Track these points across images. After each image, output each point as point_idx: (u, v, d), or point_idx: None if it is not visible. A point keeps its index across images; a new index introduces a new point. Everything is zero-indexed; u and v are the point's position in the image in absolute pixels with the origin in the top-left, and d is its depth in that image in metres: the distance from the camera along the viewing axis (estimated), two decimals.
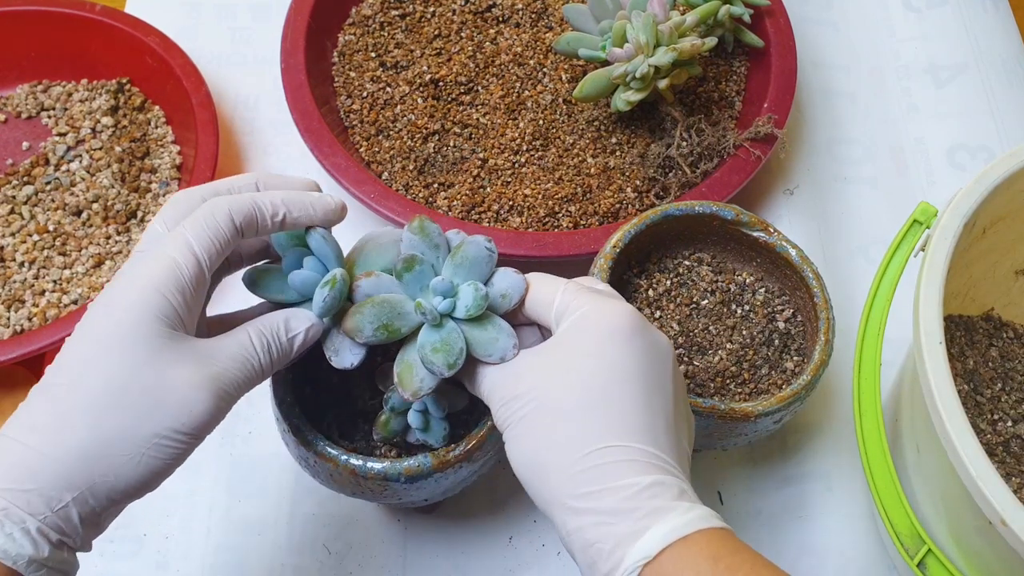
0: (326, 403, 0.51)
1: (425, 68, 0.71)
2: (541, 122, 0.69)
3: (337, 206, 0.44)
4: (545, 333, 0.44)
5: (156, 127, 0.71)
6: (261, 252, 0.46)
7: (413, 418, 0.47)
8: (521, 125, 0.69)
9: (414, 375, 0.42)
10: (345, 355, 0.43)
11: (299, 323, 0.42)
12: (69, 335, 0.37)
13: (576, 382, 0.39)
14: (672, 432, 0.40)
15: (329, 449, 0.47)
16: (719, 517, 0.38)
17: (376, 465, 0.46)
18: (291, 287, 0.43)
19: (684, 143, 0.66)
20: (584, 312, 0.41)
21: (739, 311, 0.57)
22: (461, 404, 0.47)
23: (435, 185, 0.67)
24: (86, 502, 0.36)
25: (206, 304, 0.43)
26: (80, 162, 0.69)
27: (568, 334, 0.41)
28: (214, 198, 0.41)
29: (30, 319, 0.62)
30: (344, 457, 0.46)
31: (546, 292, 0.43)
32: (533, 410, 0.40)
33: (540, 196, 0.66)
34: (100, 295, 0.39)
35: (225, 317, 0.45)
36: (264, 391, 0.48)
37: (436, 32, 0.74)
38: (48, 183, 0.68)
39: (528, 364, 0.41)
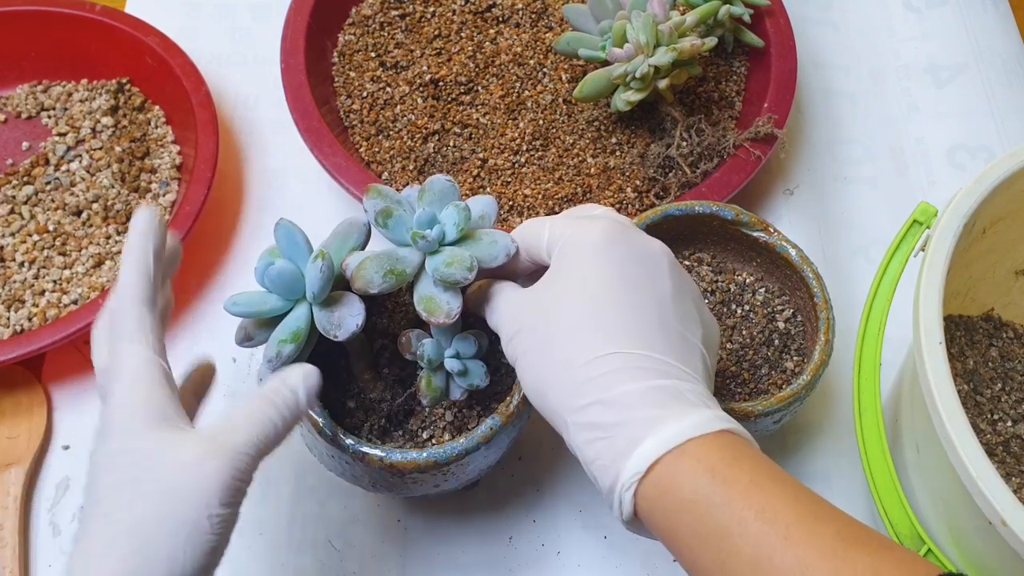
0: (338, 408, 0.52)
1: (425, 68, 0.71)
2: (541, 122, 0.69)
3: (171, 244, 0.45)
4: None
5: (156, 127, 0.71)
6: None
7: (451, 364, 0.48)
8: (521, 125, 0.69)
9: (439, 301, 0.44)
10: (348, 322, 0.44)
11: (292, 374, 0.42)
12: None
13: (565, 302, 0.40)
14: (672, 332, 0.40)
15: (410, 453, 0.47)
16: (724, 418, 0.37)
17: (457, 444, 0.47)
18: (269, 286, 0.44)
19: (684, 143, 0.66)
20: (567, 237, 0.42)
21: (739, 311, 0.57)
22: (485, 343, 0.49)
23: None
24: None
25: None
26: (80, 162, 0.69)
27: (556, 262, 0.42)
28: (124, 292, 0.41)
29: (30, 319, 0.62)
30: (425, 453, 0.47)
31: (535, 231, 0.44)
32: (534, 340, 0.41)
33: (540, 196, 0.66)
34: (116, 415, 0.38)
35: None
36: None
37: (436, 32, 0.74)
38: (48, 183, 0.68)
39: (527, 298, 0.43)
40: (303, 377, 0.42)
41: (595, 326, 0.39)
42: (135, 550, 0.35)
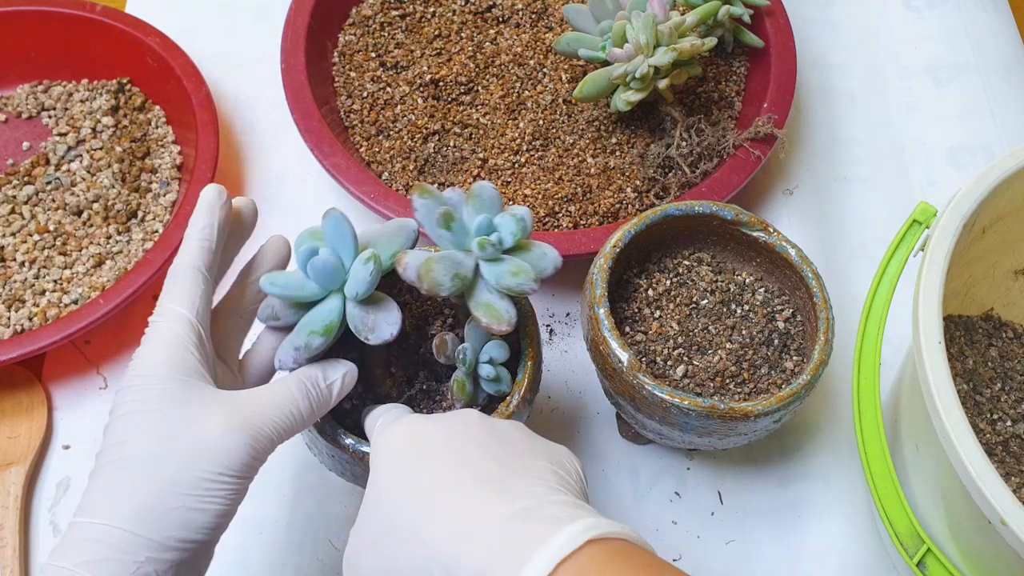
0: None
1: (425, 68, 0.71)
2: (541, 122, 0.69)
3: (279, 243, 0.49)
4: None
5: (156, 127, 0.71)
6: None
7: (486, 370, 0.48)
8: (521, 125, 0.69)
9: (499, 309, 0.45)
10: (383, 328, 0.44)
11: (335, 371, 0.45)
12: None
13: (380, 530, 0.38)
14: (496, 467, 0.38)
15: None
16: (577, 531, 0.33)
17: None
18: (310, 274, 0.44)
19: (684, 143, 0.66)
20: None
21: (739, 311, 0.57)
22: (506, 352, 0.49)
23: (435, 185, 0.67)
24: (161, 558, 0.38)
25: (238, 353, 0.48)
26: (80, 162, 0.69)
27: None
28: (182, 259, 0.45)
29: (30, 319, 0.62)
30: None
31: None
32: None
33: (540, 196, 0.66)
34: (138, 367, 0.42)
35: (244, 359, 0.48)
36: None
37: (436, 32, 0.74)
38: (48, 183, 0.68)
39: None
40: (344, 377, 0.45)
41: (426, 530, 0.36)
42: (154, 498, 0.38)
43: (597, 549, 0.33)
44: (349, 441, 0.47)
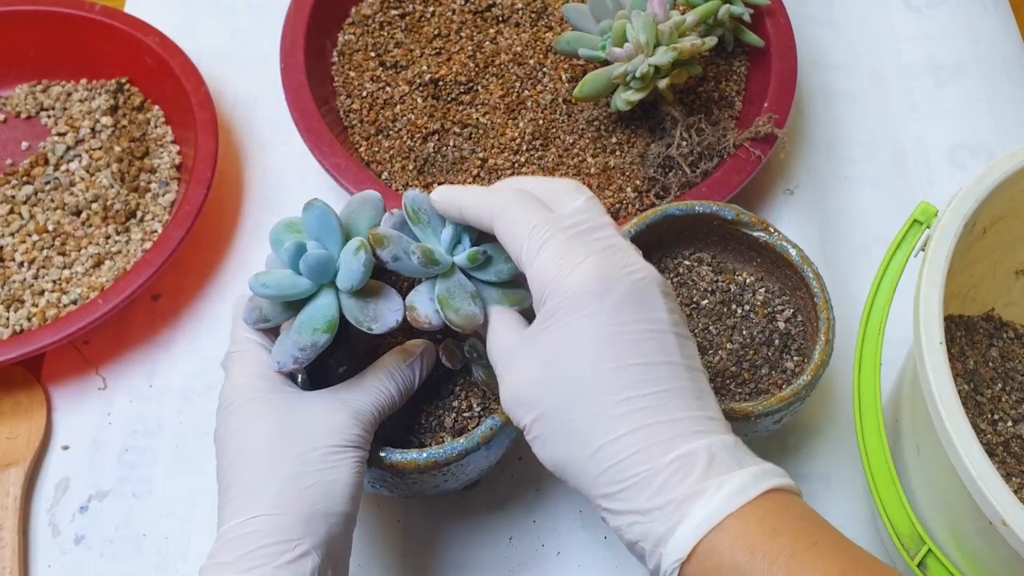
0: None
1: (425, 68, 0.71)
2: (541, 122, 0.69)
3: None
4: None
5: (156, 127, 0.71)
6: None
7: (477, 372, 0.50)
8: (521, 125, 0.69)
9: (459, 304, 0.44)
10: (388, 316, 0.44)
11: (415, 351, 0.48)
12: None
13: (569, 372, 0.38)
14: (681, 376, 0.38)
15: (410, 453, 0.48)
16: (759, 474, 0.36)
17: (457, 444, 0.47)
18: (303, 271, 0.43)
19: (684, 143, 0.65)
20: (556, 281, 0.39)
21: (739, 311, 0.57)
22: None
23: (435, 185, 0.67)
24: (313, 533, 0.41)
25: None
26: (79, 162, 0.69)
27: (549, 313, 0.39)
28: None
29: (29, 319, 0.62)
30: (425, 453, 0.48)
31: (510, 223, 0.42)
32: (538, 416, 0.39)
33: None
34: (233, 388, 0.45)
35: None
36: None
37: (436, 32, 0.74)
38: (47, 183, 0.68)
39: (527, 356, 0.41)
40: (423, 356, 0.48)
41: (601, 399, 0.37)
42: (289, 482, 0.41)
43: (743, 517, 0.35)
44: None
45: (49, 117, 0.72)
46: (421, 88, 0.70)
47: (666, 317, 0.39)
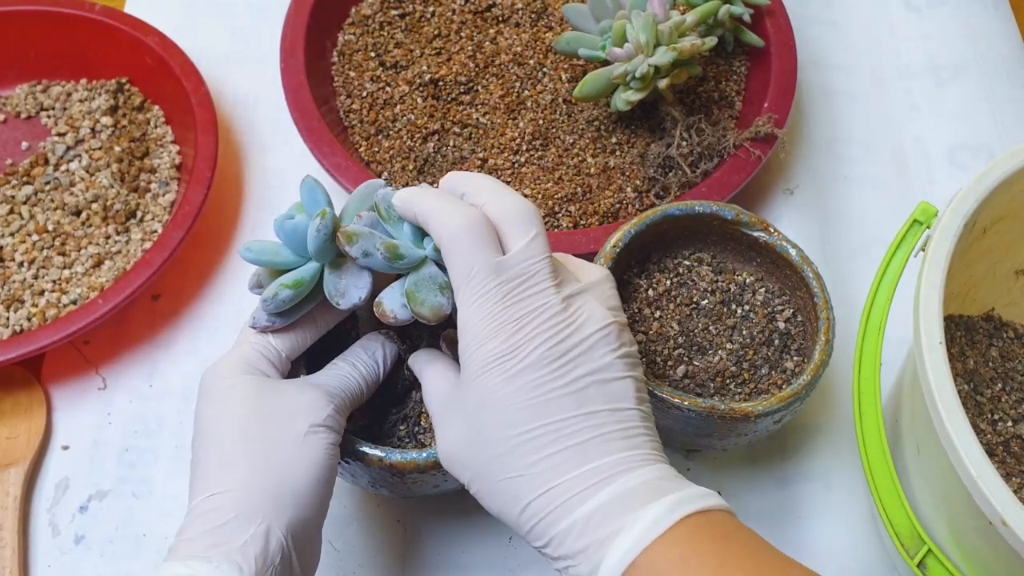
0: None
1: (425, 68, 0.71)
2: (541, 122, 0.69)
3: None
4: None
5: (155, 127, 0.71)
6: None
7: None
8: (521, 125, 0.69)
9: (425, 296, 0.44)
10: (352, 292, 0.45)
11: (374, 343, 0.49)
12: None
13: (488, 441, 0.40)
14: (605, 417, 0.40)
15: (410, 453, 0.48)
16: (678, 504, 0.37)
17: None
18: (283, 240, 0.45)
19: (684, 143, 0.66)
20: (472, 348, 0.41)
21: (739, 311, 0.57)
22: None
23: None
24: (279, 512, 0.41)
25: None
26: (79, 162, 0.69)
27: (468, 379, 0.41)
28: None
29: (29, 319, 0.62)
30: (425, 453, 0.48)
31: (454, 273, 0.42)
32: (473, 477, 0.42)
33: (540, 196, 0.66)
34: (213, 370, 0.46)
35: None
36: None
37: (436, 32, 0.74)
38: (47, 183, 0.68)
39: (451, 415, 0.43)
40: (383, 346, 0.49)
41: (530, 459, 0.39)
42: (260, 458, 0.42)
43: (689, 524, 0.37)
44: (365, 449, 0.48)
45: (49, 117, 0.72)
46: (421, 88, 0.70)
47: (588, 368, 0.40)
